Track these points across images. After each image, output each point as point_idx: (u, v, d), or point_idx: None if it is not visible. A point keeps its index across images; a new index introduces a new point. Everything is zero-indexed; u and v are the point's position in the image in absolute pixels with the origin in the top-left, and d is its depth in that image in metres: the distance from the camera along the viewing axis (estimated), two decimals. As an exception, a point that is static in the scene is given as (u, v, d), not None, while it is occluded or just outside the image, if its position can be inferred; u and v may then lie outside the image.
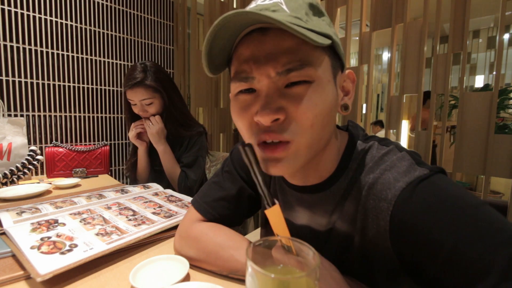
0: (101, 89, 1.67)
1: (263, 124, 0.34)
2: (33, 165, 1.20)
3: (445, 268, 0.31)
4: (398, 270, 0.38)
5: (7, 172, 1.10)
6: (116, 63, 1.72)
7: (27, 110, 1.41)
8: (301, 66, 0.33)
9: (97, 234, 0.59)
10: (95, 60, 1.63)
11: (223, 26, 0.32)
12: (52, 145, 1.40)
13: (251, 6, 0.36)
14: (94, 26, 1.61)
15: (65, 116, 1.54)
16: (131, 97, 1.08)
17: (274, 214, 0.33)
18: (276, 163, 0.36)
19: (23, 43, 1.37)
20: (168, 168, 1.13)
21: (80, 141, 1.61)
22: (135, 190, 0.94)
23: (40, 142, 1.46)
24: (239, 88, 0.37)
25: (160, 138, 1.12)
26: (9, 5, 1.32)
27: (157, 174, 1.21)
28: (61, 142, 1.52)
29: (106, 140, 1.72)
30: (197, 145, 1.15)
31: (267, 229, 0.59)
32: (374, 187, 0.38)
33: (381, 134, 3.55)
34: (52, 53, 1.46)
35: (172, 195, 0.92)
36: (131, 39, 1.77)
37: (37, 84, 1.43)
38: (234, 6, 1.81)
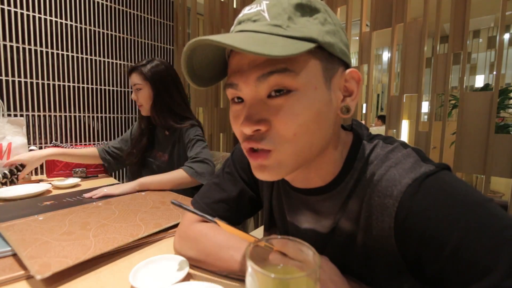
0: (101, 89, 1.67)
1: (246, 133, 0.36)
2: None
3: (449, 264, 0.31)
4: (400, 268, 0.38)
5: (6, 172, 1.10)
6: (116, 63, 1.72)
7: (27, 110, 1.41)
8: (283, 70, 0.33)
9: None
10: (95, 60, 1.63)
11: (194, 50, 0.34)
12: (52, 145, 1.40)
13: (239, 16, 0.38)
14: (94, 26, 1.61)
15: (65, 116, 1.54)
16: (130, 81, 1.16)
17: (225, 227, 0.39)
18: (262, 169, 0.37)
19: (23, 43, 1.37)
20: (170, 182, 1.03)
21: (80, 141, 1.61)
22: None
23: (40, 142, 1.46)
24: (230, 96, 0.39)
25: (130, 186, 0.99)
26: (9, 5, 1.32)
27: (148, 166, 1.23)
28: (61, 142, 1.52)
29: (106, 140, 1.72)
30: (190, 134, 1.14)
31: (270, 232, 0.59)
32: (379, 184, 0.38)
33: (381, 129, 3.55)
34: (52, 53, 1.46)
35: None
36: (131, 39, 1.77)
37: (37, 84, 1.43)
38: (234, 5, 1.81)
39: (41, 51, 1.43)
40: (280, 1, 0.35)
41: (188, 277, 0.49)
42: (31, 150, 1.23)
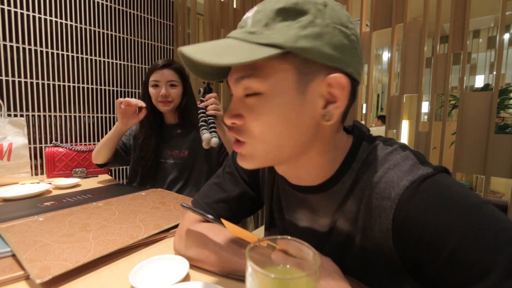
0: (101, 89, 1.67)
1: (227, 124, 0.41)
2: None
3: (447, 266, 0.31)
4: (399, 270, 0.38)
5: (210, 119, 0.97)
6: (116, 63, 1.72)
7: (27, 110, 1.41)
8: (249, 75, 0.37)
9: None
10: (95, 60, 1.63)
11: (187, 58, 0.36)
12: (52, 145, 1.40)
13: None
14: (94, 26, 1.61)
15: (65, 116, 1.54)
16: (157, 78, 1.12)
17: (229, 227, 0.41)
18: (240, 157, 0.42)
19: (23, 43, 1.37)
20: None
21: (80, 141, 1.61)
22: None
23: (40, 142, 1.46)
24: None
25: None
26: (9, 5, 1.32)
27: (160, 166, 1.19)
28: (61, 142, 1.52)
29: (106, 140, 1.72)
30: None
31: (270, 232, 0.59)
32: (378, 186, 0.38)
33: (381, 129, 3.55)
34: (52, 53, 1.46)
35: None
36: (131, 39, 1.77)
37: (37, 84, 1.43)
38: (234, 5, 1.81)
39: (41, 51, 1.43)
40: (265, 7, 0.36)
41: (188, 277, 0.49)
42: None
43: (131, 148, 1.26)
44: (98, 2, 1.61)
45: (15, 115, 1.37)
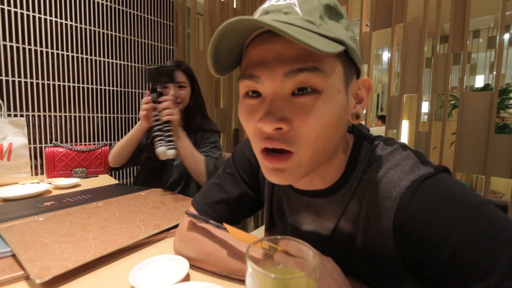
0: (101, 89, 1.67)
1: (265, 132, 0.33)
2: None
3: (448, 266, 0.31)
4: (400, 270, 0.38)
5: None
6: (116, 63, 1.72)
7: (27, 110, 1.41)
8: (313, 69, 0.31)
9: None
10: (95, 60, 1.63)
11: (227, 31, 0.31)
12: (52, 145, 1.40)
13: (264, 6, 0.36)
14: (94, 26, 1.61)
15: (65, 116, 1.54)
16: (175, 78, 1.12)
17: (233, 231, 0.42)
18: (278, 172, 0.35)
19: (23, 43, 1.37)
20: (191, 157, 1.03)
21: (80, 141, 1.61)
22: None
23: (40, 142, 1.46)
24: (245, 88, 0.36)
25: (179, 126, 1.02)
26: (9, 5, 1.32)
27: (165, 167, 1.19)
28: (61, 142, 1.52)
29: (106, 140, 1.72)
30: (212, 138, 1.17)
31: (271, 232, 0.59)
32: (378, 186, 0.38)
33: (381, 129, 3.55)
34: (52, 53, 1.46)
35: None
36: (131, 39, 1.77)
37: (37, 84, 1.43)
38: (234, 6, 1.81)
39: (41, 51, 1.43)
40: None
41: (188, 277, 0.49)
42: None
43: (143, 147, 1.27)
44: (98, 2, 1.61)
45: (15, 115, 1.37)
